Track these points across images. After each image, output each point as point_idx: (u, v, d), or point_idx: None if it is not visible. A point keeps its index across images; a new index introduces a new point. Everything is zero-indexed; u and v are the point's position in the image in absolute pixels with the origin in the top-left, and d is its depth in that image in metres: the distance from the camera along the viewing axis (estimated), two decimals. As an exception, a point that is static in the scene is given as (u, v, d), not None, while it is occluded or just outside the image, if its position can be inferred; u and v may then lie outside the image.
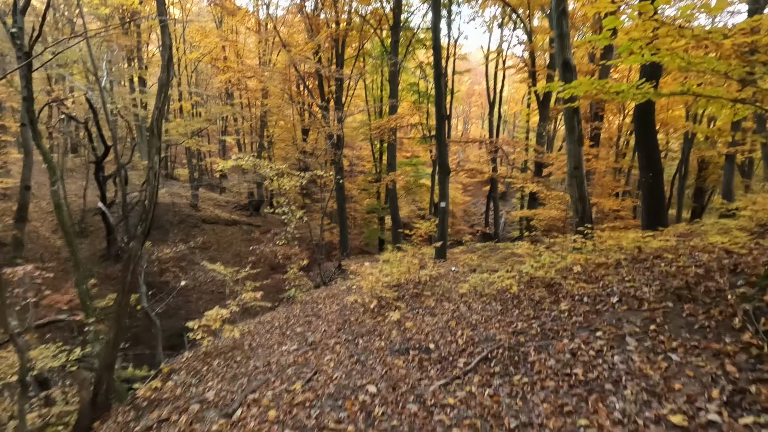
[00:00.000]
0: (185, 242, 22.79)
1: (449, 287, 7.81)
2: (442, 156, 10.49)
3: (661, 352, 3.42)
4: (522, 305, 5.58)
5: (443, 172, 10.50)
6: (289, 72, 18.90)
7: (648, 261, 5.58)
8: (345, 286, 11.93)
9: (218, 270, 10.48)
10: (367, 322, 6.84)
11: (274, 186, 13.43)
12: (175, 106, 22.97)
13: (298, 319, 8.24)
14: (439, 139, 10.46)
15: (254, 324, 8.13)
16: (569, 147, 8.19)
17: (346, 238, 20.42)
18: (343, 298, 10.15)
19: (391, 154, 18.52)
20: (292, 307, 9.38)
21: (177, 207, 23.00)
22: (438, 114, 10.38)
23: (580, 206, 8.25)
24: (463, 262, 11.30)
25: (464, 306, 6.38)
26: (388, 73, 17.48)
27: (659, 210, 9.79)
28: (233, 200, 26.55)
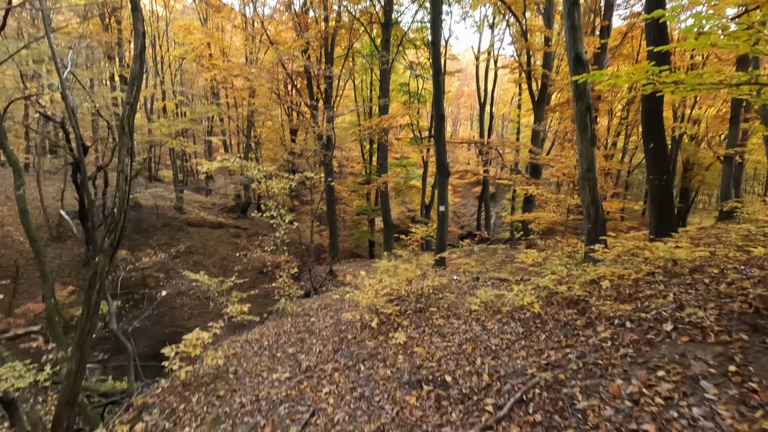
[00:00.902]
0: (170, 246, 21.63)
1: (455, 301, 7.01)
2: (441, 157, 9.70)
3: (758, 406, 2.65)
4: (547, 328, 4.80)
5: (442, 174, 9.71)
6: (277, 71, 17.92)
7: (686, 275, 4.86)
8: (337, 294, 11.06)
9: (202, 280, 9.51)
10: (368, 343, 5.99)
11: (261, 188, 12.48)
12: (159, 106, 21.77)
13: (290, 336, 7.35)
14: (438, 139, 9.67)
15: (241, 343, 7.22)
16: (581, 147, 7.47)
17: (336, 241, 19.52)
18: (337, 309, 9.29)
19: (382, 155, 17.69)
20: (283, 321, 8.48)
21: (161, 210, 21.80)
22: (436, 112, 9.59)
23: (592, 210, 7.53)
24: (462, 268, 10.53)
25: (477, 326, 5.58)
26: (379, 71, 16.65)
27: (669, 214, 9.15)
28: (220, 202, 25.39)
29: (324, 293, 13.55)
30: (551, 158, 13.66)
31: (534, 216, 11.63)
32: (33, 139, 21.25)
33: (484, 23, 21.50)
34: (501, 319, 5.54)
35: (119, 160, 5.81)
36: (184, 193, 24.48)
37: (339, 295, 10.93)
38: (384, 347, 5.71)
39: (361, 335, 6.51)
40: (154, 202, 21.69)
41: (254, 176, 12.01)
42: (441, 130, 9.67)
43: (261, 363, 6.04)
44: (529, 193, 12.42)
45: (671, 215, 9.29)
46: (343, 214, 25.19)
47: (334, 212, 19.48)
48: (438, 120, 9.60)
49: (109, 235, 5.67)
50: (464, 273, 9.88)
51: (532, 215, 11.88)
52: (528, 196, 15.12)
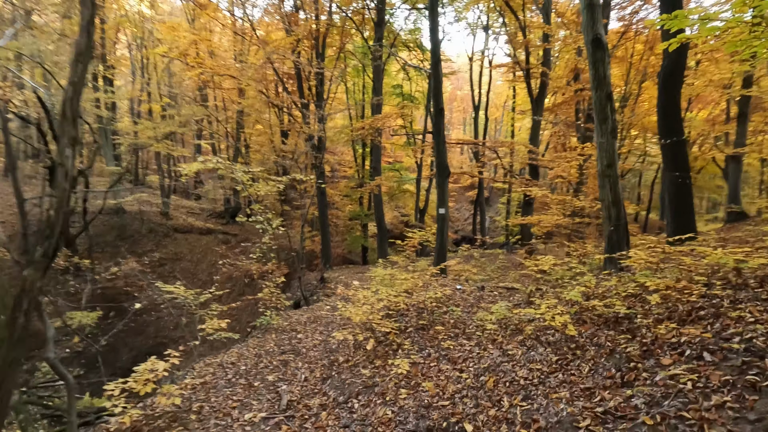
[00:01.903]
0: (155, 253, 20.31)
1: (463, 316, 5.92)
2: (441, 156, 8.64)
3: None
4: (588, 355, 3.72)
5: (442, 174, 8.65)
6: (266, 71, 16.82)
7: (755, 288, 3.82)
8: (329, 305, 9.92)
9: (178, 292, 8.30)
10: (363, 371, 4.87)
11: (249, 192, 11.31)
12: (144, 108, 20.50)
13: (272, 357, 6.19)
14: (437, 136, 8.62)
15: (214, 368, 6.04)
16: (600, 141, 6.45)
17: (328, 246, 18.35)
18: (327, 323, 8.16)
19: (375, 157, 16.62)
20: (266, 338, 7.31)
21: (145, 216, 20.47)
22: (436, 107, 8.54)
23: (614, 211, 6.51)
24: (464, 276, 9.45)
25: (495, 350, 4.49)
26: (372, 69, 15.62)
27: (688, 214, 8.18)
28: (209, 208, 24.11)
29: (315, 303, 12.38)
30: (551, 159, 12.70)
31: (537, 219, 10.61)
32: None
33: (477, 25, 20.61)
34: (523, 341, 4.46)
35: (59, 152, 4.65)
36: (172, 198, 23.17)
37: (330, 306, 9.79)
38: (382, 376, 4.59)
39: (355, 358, 5.39)
40: (139, 207, 20.37)
41: (239, 178, 10.87)
42: (440, 126, 8.62)
43: (234, 396, 4.87)
44: (532, 195, 11.41)
45: (690, 215, 8.32)
46: (336, 219, 24.05)
47: (326, 217, 18.32)
48: (437, 115, 8.55)
49: (44, 242, 4.50)
50: (467, 281, 8.80)
51: (535, 218, 10.86)
52: (527, 199, 14.13)
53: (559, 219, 10.23)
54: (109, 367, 16.30)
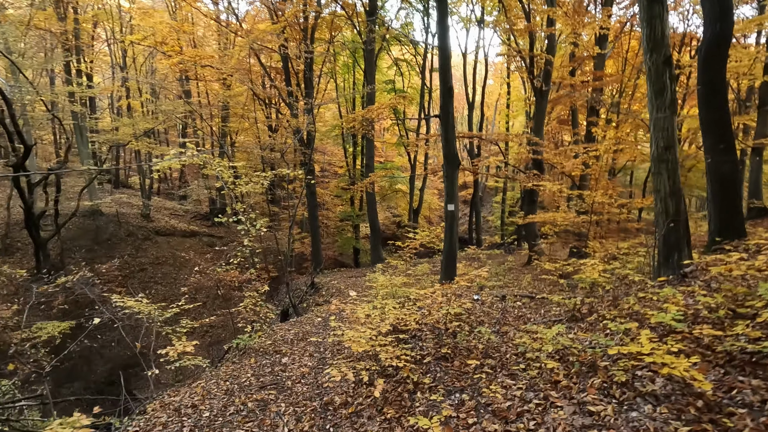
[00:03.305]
0: (135, 258, 18.40)
1: (495, 340, 4.39)
2: (449, 143, 7.13)
3: None
4: (739, 423, 2.22)
5: (451, 165, 7.13)
6: (252, 64, 15.16)
7: None
8: (320, 317, 8.32)
9: (140, 308, 6.63)
10: (370, 427, 3.31)
11: (230, 189, 9.62)
12: (123, 104, 18.63)
13: (247, 395, 4.58)
14: (446, 120, 7.09)
15: (169, 413, 4.40)
16: (657, 117, 5.00)
17: (318, 248, 16.72)
18: (319, 341, 6.57)
19: (368, 153, 15.08)
20: (243, 364, 5.68)
21: (124, 218, 18.57)
22: (443, 86, 7.02)
23: (672, 204, 5.06)
24: (475, 281, 7.93)
25: (564, 400, 2.96)
26: (364, 56, 14.10)
27: (736, 210, 6.78)
28: (194, 210, 22.24)
29: (304, 312, 10.76)
30: (557, 153, 11.32)
31: (551, 217, 9.15)
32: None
33: (470, 20, 19.23)
34: (607, 388, 2.94)
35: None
36: (154, 199, 21.28)
37: (322, 318, 8.19)
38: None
39: (356, 401, 3.82)
40: (116, 209, 18.46)
41: (219, 174, 9.22)
42: (449, 108, 7.10)
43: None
44: (546, 190, 9.96)
45: (738, 212, 6.92)
46: (326, 220, 22.40)
47: (316, 218, 16.70)
48: (445, 95, 7.04)
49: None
50: (481, 289, 7.29)
51: (549, 215, 9.38)
52: (532, 197, 12.73)
53: (575, 217, 8.80)
54: (83, 381, 14.42)
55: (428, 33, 17.98)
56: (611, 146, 8.88)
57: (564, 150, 12.11)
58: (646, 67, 5.05)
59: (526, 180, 11.06)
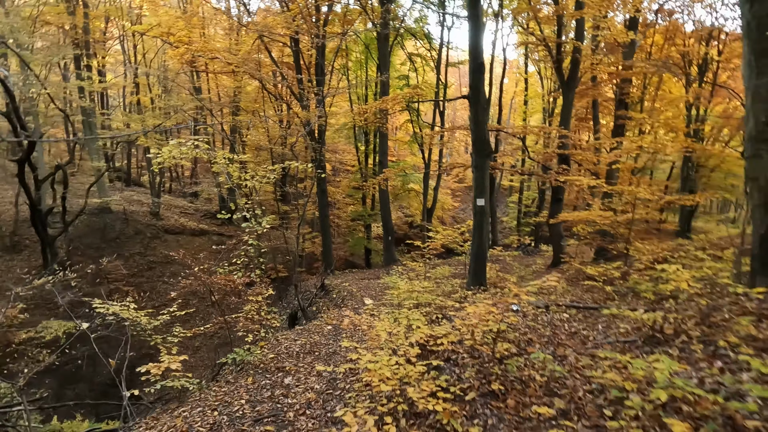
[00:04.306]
0: (143, 256, 17.57)
1: (558, 369, 3.26)
2: (480, 128, 5.99)
3: None
4: None
5: (482, 153, 6.00)
6: (261, 56, 14.18)
7: None
8: (331, 324, 7.24)
9: (127, 315, 5.63)
10: None
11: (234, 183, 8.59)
12: (132, 100, 17.83)
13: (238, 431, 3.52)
14: (476, 101, 5.95)
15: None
16: (757, 84, 3.82)
17: (329, 248, 15.68)
18: (329, 353, 5.51)
19: (382, 149, 14.00)
20: (237, 385, 4.62)
21: (133, 216, 17.74)
22: (474, 63, 5.89)
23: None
24: (506, 288, 6.77)
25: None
26: (377, 45, 13.02)
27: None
28: (204, 208, 21.38)
29: (314, 316, 9.69)
30: (586, 148, 10.11)
31: (586, 215, 7.93)
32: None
33: (487, 14, 18.02)
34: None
35: None
36: (165, 198, 20.45)
37: (332, 326, 7.11)
38: None
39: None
40: (126, 207, 17.65)
41: (222, 167, 8.22)
42: (480, 87, 5.97)
43: None
44: (584, 185, 8.74)
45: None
46: (337, 220, 21.37)
47: (327, 217, 15.67)
48: (476, 73, 5.90)
49: None
50: (516, 296, 6.14)
51: (584, 214, 8.16)
52: (557, 195, 11.53)
53: (613, 215, 7.59)
54: (87, 383, 13.49)
55: (443, 27, 16.89)
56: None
57: (592, 145, 10.88)
58: (743, 21, 3.87)
59: (551, 177, 9.86)
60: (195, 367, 13.17)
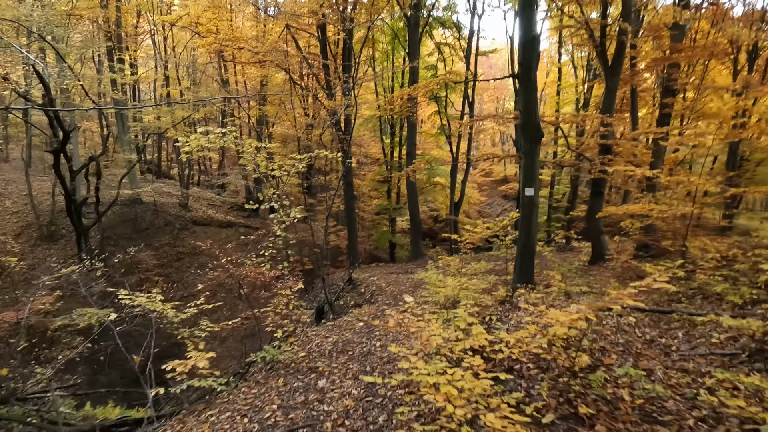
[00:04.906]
0: (172, 247, 17.61)
1: (659, 390, 2.66)
2: (530, 109, 5.34)
3: None
4: None
5: (532, 138, 5.35)
6: (287, 48, 13.79)
7: None
8: (362, 320, 6.78)
9: (154, 307, 5.32)
10: None
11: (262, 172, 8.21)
12: (162, 93, 17.82)
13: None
14: (527, 79, 5.30)
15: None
16: None
17: (355, 242, 15.26)
18: (364, 355, 5.04)
19: (410, 140, 13.41)
20: (267, 387, 4.20)
21: (162, 207, 17.79)
22: (526, 35, 5.22)
23: None
24: (554, 286, 6.12)
25: None
26: (407, 30, 12.39)
27: None
28: (231, 200, 21.33)
29: (342, 311, 9.28)
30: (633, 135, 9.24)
31: (640, 208, 7.10)
32: (14, 123, 17.42)
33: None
34: None
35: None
36: (193, 190, 20.48)
37: (364, 322, 6.65)
38: None
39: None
40: (156, 198, 17.70)
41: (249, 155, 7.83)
42: (531, 64, 5.30)
43: None
44: (638, 175, 7.93)
45: None
46: (362, 213, 20.96)
47: (353, 210, 15.24)
48: (528, 48, 5.23)
49: None
50: (568, 296, 5.50)
51: (637, 207, 7.31)
52: (598, 188, 10.73)
53: (669, 208, 6.79)
54: (119, 370, 13.53)
55: (473, 15, 16.06)
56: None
57: (631, 136, 9.99)
58: None
59: (595, 167, 9.08)
60: (222, 358, 13.01)
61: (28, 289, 13.15)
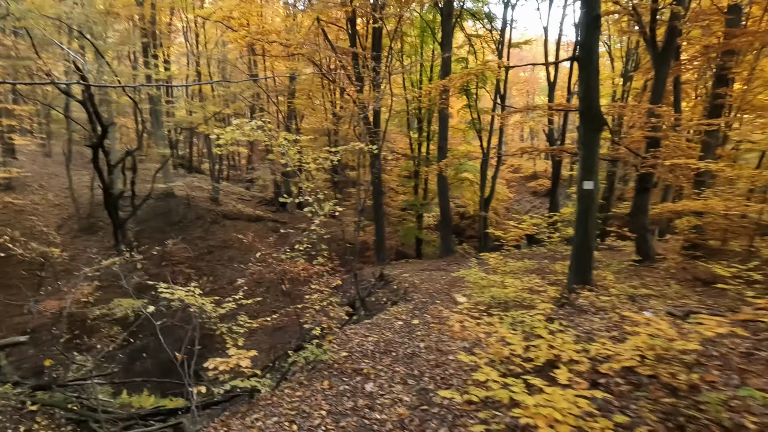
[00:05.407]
0: (203, 240, 17.77)
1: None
2: (591, 97, 4.85)
3: None
4: None
5: (591, 124, 4.85)
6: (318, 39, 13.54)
7: None
8: (402, 319, 6.46)
9: (191, 301, 5.13)
10: None
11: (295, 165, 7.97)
12: (194, 89, 17.95)
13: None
14: (588, 61, 4.79)
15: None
16: None
17: (383, 237, 14.96)
18: (410, 356, 4.71)
19: (442, 134, 12.99)
20: (313, 391, 3.92)
21: (194, 201, 17.95)
22: (588, 13, 4.67)
23: None
24: (615, 290, 5.60)
25: None
26: (441, 18, 11.91)
27: None
28: (259, 195, 21.41)
29: (373, 307, 8.99)
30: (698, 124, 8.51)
31: (702, 205, 6.44)
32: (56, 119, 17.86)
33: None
34: None
35: None
36: (223, 184, 20.64)
37: (403, 321, 6.32)
38: None
39: None
40: (187, 192, 17.87)
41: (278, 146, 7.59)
42: (593, 45, 4.78)
43: None
44: (701, 168, 7.27)
45: None
46: (387, 209, 20.64)
47: (381, 205, 14.94)
48: (590, 27, 4.70)
49: None
50: (632, 299, 5.00)
51: (698, 204, 6.67)
52: (644, 183, 10.01)
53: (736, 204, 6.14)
54: (154, 359, 13.71)
55: (507, 6, 15.39)
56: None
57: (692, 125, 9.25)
58: None
59: (648, 161, 8.42)
60: (258, 360, 13.01)
61: (69, 279, 13.41)
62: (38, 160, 19.65)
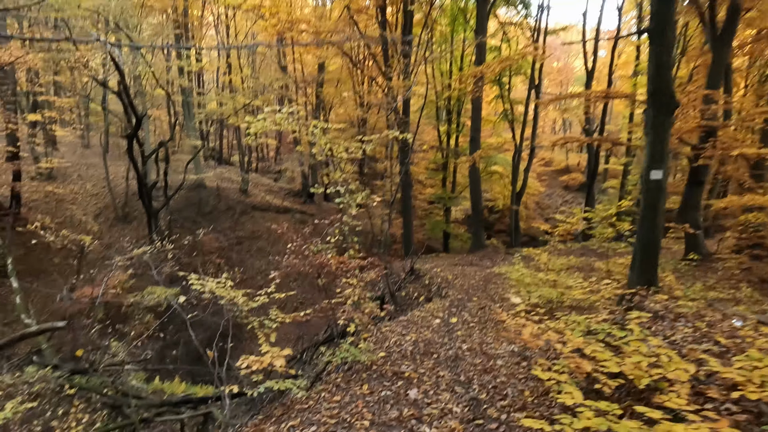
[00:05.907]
0: (233, 230, 17.83)
1: None
2: (664, 75, 4.23)
3: None
4: None
5: (662, 108, 4.25)
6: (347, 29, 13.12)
7: None
8: (438, 315, 6.04)
9: (222, 293, 4.89)
10: None
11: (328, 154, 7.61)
12: (225, 80, 17.93)
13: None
14: (660, 36, 4.15)
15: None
16: None
17: (410, 231, 14.53)
18: (453, 358, 4.30)
19: (474, 125, 12.35)
20: (352, 395, 3.58)
21: (224, 192, 18.01)
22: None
23: None
24: (676, 291, 5.00)
25: None
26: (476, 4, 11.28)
27: None
28: (287, 186, 21.34)
29: (404, 303, 8.60)
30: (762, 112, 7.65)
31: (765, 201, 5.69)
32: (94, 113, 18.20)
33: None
34: None
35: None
36: (252, 176, 20.67)
37: (441, 319, 5.90)
38: None
39: None
40: (217, 183, 17.94)
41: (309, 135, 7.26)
42: (669, 18, 4.14)
43: None
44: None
45: None
46: (415, 201, 20.17)
47: (409, 198, 14.49)
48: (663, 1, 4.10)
49: None
50: (709, 305, 4.41)
51: (764, 199, 5.94)
52: (698, 176, 9.20)
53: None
54: (185, 347, 13.82)
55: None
56: None
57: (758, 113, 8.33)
58: None
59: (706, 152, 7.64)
60: (275, 342, 12.92)
61: (104, 267, 13.65)
62: (77, 151, 20.17)
